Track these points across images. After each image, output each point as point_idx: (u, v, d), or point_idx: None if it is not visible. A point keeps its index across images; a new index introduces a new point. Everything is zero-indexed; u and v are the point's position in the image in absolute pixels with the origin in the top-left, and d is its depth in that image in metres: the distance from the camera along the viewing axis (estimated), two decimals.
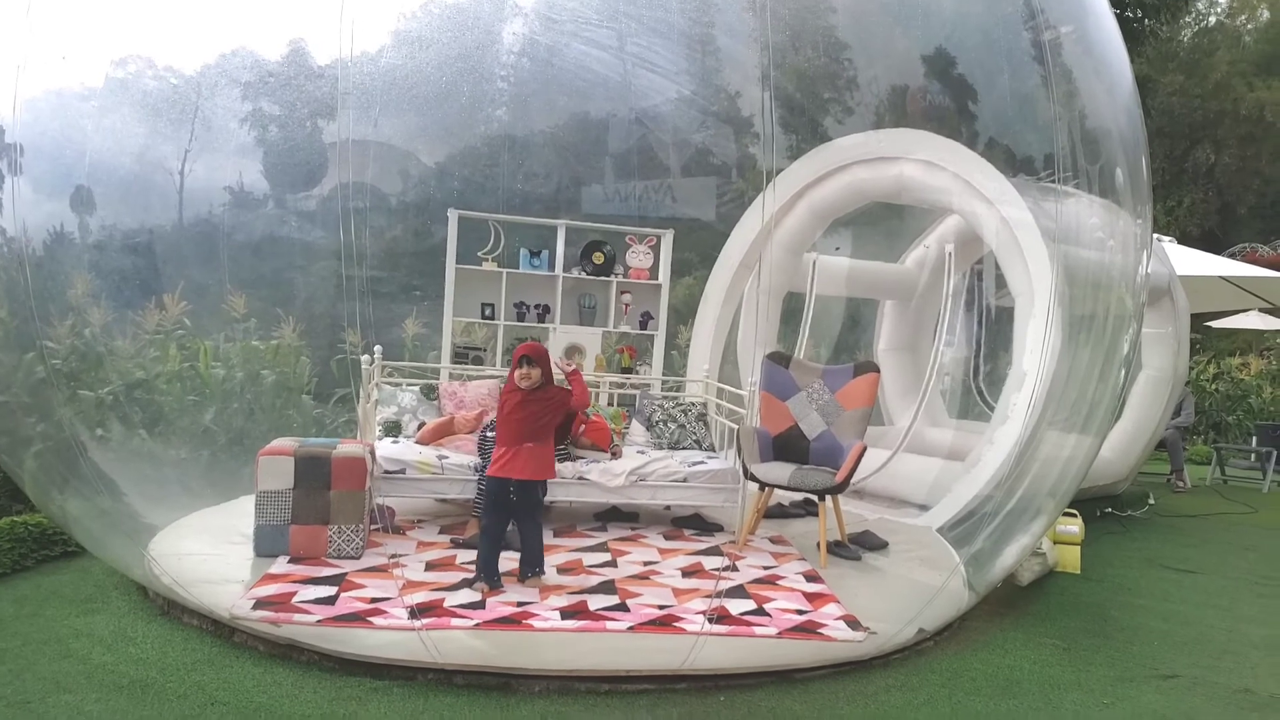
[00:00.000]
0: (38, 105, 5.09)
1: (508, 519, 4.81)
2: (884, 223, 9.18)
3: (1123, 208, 4.60)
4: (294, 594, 4.42)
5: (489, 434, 6.00)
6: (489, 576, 4.70)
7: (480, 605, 4.44)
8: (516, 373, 4.71)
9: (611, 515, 6.37)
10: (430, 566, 5.03)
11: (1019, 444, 5.96)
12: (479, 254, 7.64)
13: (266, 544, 5.00)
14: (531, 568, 4.83)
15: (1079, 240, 5.44)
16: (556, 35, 8.39)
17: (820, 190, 8.07)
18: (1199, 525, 8.67)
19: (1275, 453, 11.34)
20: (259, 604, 4.24)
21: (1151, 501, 9.02)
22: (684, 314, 9.44)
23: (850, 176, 7.81)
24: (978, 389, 9.44)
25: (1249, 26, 28.37)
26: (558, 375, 4.95)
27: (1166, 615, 5.56)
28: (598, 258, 7.79)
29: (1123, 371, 5.03)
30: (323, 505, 5.02)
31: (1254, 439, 12.73)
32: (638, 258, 7.87)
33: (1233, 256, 12.42)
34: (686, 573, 5.22)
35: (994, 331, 8.90)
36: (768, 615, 4.57)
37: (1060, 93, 4.15)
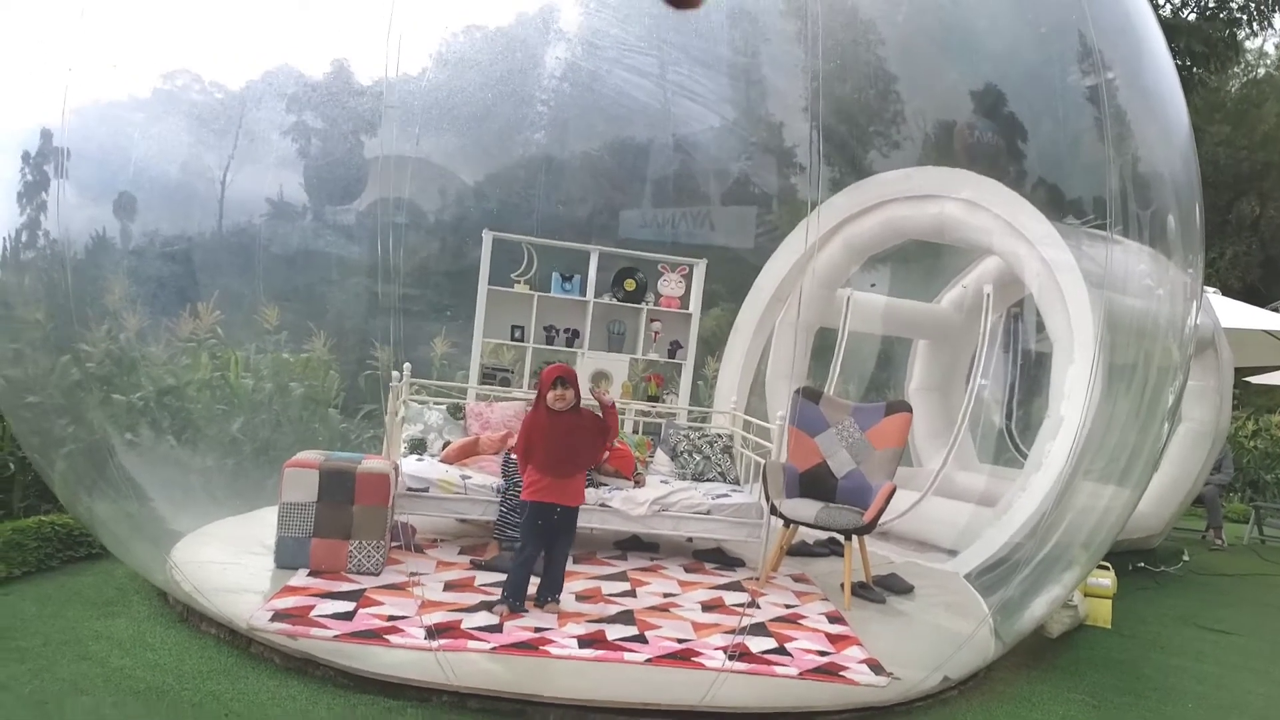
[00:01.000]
0: (86, 112, 5.17)
1: (546, 545, 4.76)
2: (920, 261, 9.10)
3: (1173, 256, 4.51)
4: (312, 607, 4.39)
5: (513, 456, 5.97)
6: (516, 600, 4.65)
7: (498, 628, 4.39)
8: (550, 394, 4.67)
9: (632, 544, 6.30)
10: (449, 587, 4.99)
11: (1053, 492, 5.83)
12: (512, 276, 7.66)
13: (287, 556, 4.98)
14: (551, 593, 4.77)
15: (1124, 288, 5.34)
16: (599, 61, 8.43)
17: (857, 225, 8.02)
18: (1235, 585, 8.43)
19: None
20: (277, 616, 4.21)
21: (1186, 558, 8.80)
22: (712, 344, 9.39)
23: (889, 213, 7.76)
24: (1009, 434, 9.28)
25: None
26: (588, 402, 4.92)
27: (1201, 676, 5.39)
28: (629, 285, 7.77)
29: (1166, 425, 4.90)
30: (345, 520, 5.00)
31: None
32: (669, 286, 7.84)
33: (1276, 310, 12.18)
34: (707, 607, 5.14)
35: (1029, 376, 8.76)
36: (789, 655, 4.47)
37: (1113, 134, 4.08)
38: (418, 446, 6.33)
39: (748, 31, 7.92)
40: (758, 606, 5.18)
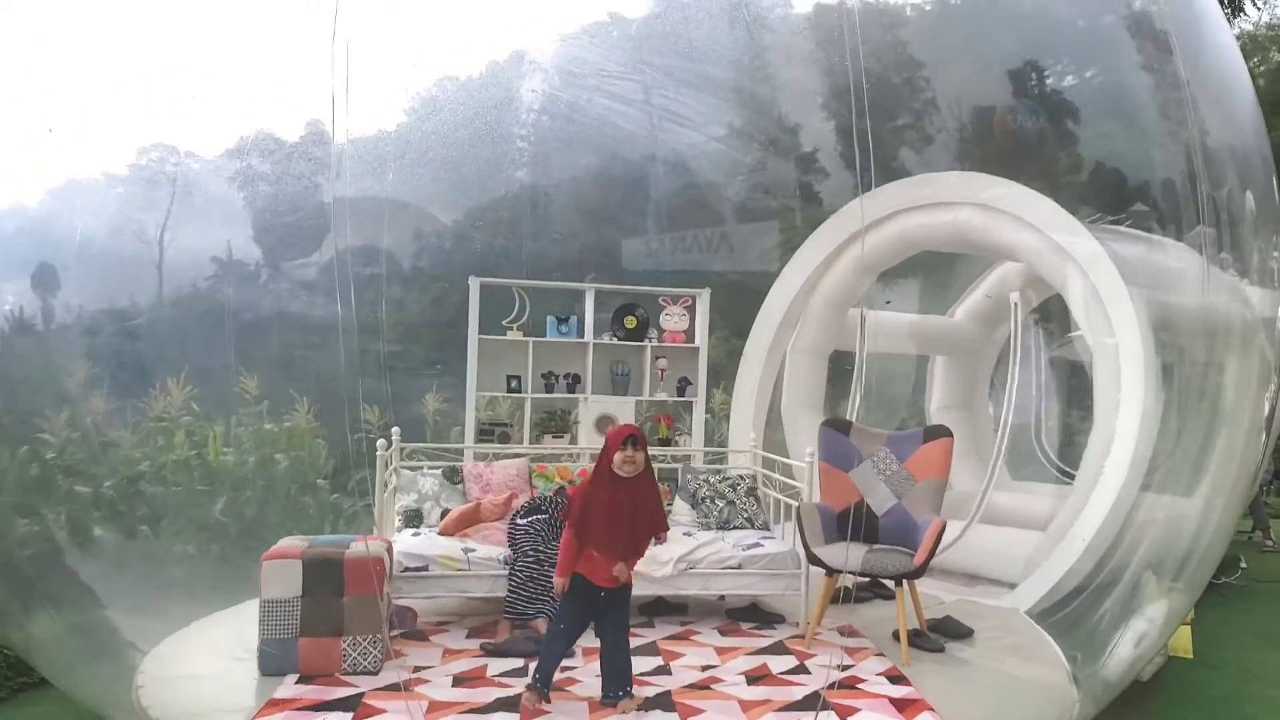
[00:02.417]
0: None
1: (586, 625, 4.14)
2: (932, 273, 8.62)
3: (1256, 237, 3.99)
4: None
5: (519, 520, 5.41)
6: (545, 685, 4.05)
7: None
8: (618, 456, 4.01)
9: (657, 607, 5.71)
10: (459, 681, 4.39)
11: (1118, 511, 5.29)
12: (503, 323, 7.12)
13: (273, 662, 4.37)
14: (620, 686, 4.11)
15: (1174, 286, 4.84)
16: (578, 90, 7.97)
17: (867, 241, 7.53)
18: None
19: None
20: None
21: (1244, 565, 8.25)
22: (717, 375, 8.84)
23: (900, 224, 7.27)
24: (1042, 448, 8.74)
25: (1261, 69, 27.99)
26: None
27: None
28: (630, 322, 7.23)
29: (1263, 434, 4.36)
30: (335, 614, 4.40)
31: None
32: (672, 320, 7.31)
33: None
34: (752, 679, 4.54)
35: (1064, 386, 8.25)
36: None
37: (1175, 106, 3.58)
38: (413, 519, 5.75)
39: (747, 28, 7.42)
40: (840, 681, 4.58)
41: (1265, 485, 10.78)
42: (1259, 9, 26.97)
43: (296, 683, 4.27)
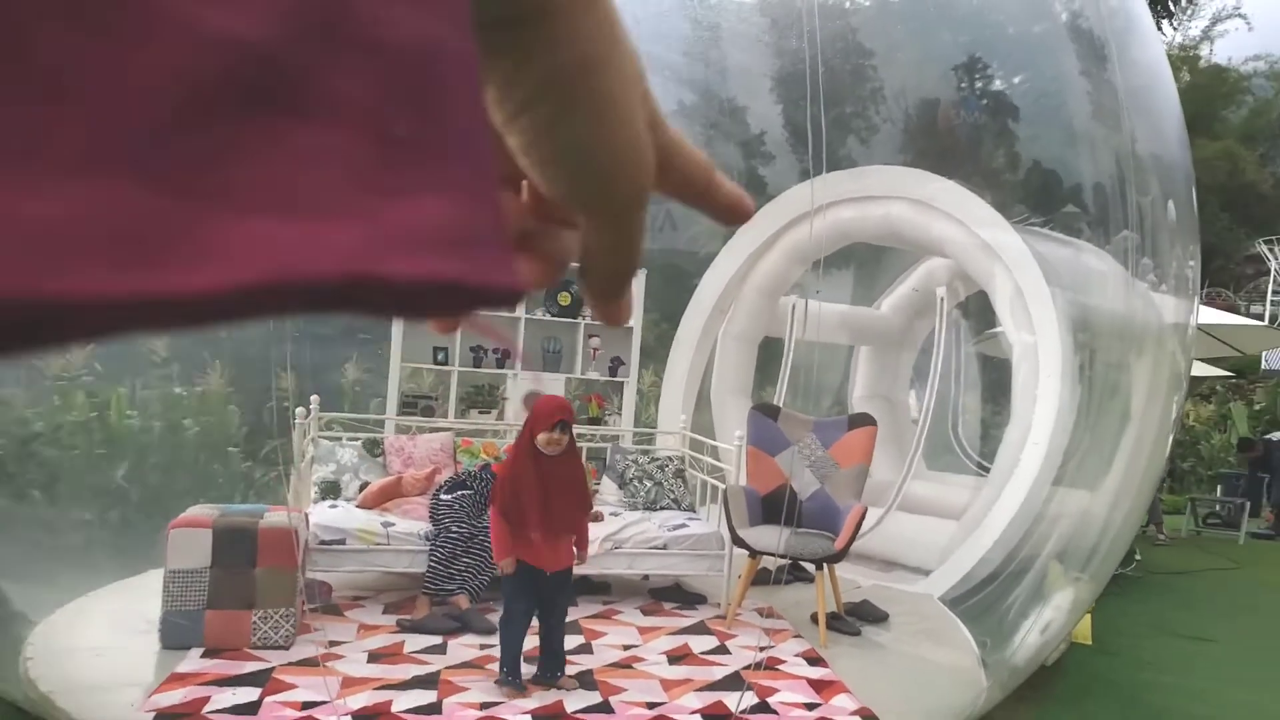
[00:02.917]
0: None
1: (534, 607, 4.00)
2: (862, 265, 8.72)
3: (1174, 246, 4.11)
4: (206, 700, 3.63)
5: (443, 496, 5.27)
6: (515, 675, 3.93)
7: (436, 708, 3.70)
8: (543, 436, 3.82)
9: (581, 586, 5.64)
10: (374, 657, 4.27)
11: (1030, 503, 5.43)
12: None
13: (176, 634, 4.17)
14: (553, 670, 4.05)
15: (1094, 288, 4.97)
16: None
17: (800, 230, 7.55)
18: (1191, 584, 8.28)
19: (1249, 504, 11.11)
20: (160, 716, 3.44)
21: (1138, 558, 8.59)
22: (645, 357, 8.80)
23: (833, 216, 7.30)
24: (959, 440, 8.95)
25: None
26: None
27: (1196, 694, 5.03)
28: (563, 298, 7.12)
29: (1170, 436, 4.51)
30: (246, 586, 4.23)
31: (1219, 488, 12.52)
32: None
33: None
34: (674, 658, 4.54)
35: (983, 381, 8.45)
36: (774, 713, 3.91)
37: (1109, 112, 3.66)
38: (330, 490, 5.57)
39: (695, 8, 7.32)
40: (763, 665, 4.60)
41: (1159, 483, 11.25)
42: (1174, 29, 28.10)
43: (202, 656, 4.09)
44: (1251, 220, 26.24)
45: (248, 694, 3.71)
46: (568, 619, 4.10)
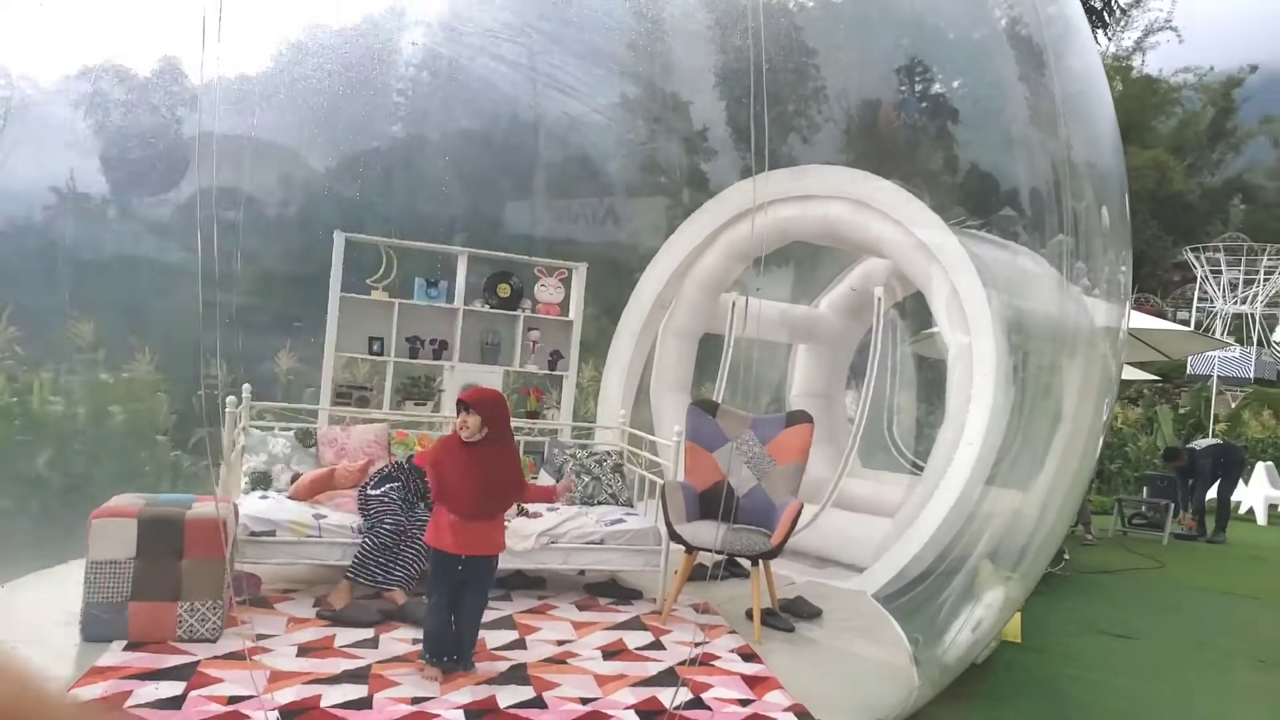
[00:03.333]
0: None
1: (455, 593, 4.03)
2: (801, 263, 8.80)
3: (1107, 251, 4.22)
4: (128, 694, 3.53)
5: (371, 491, 5.18)
6: (437, 657, 3.96)
7: (366, 703, 3.65)
8: (455, 420, 4.00)
9: (516, 581, 5.62)
10: (304, 651, 4.19)
11: (962, 503, 5.54)
12: (368, 282, 6.83)
13: (98, 627, 4.06)
14: (461, 664, 4.05)
15: (1028, 291, 5.08)
16: (460, 48, 7.69)
17: (741, 228, 7.60)
18: (1119, 583, 8.52)
19: (1173, 505, 11.48)
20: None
21: (1067, 557, 8.83)
22: (584, 352, 8.79)
23: (773, 214, 7.36)
24: (893, 439, 9.09)
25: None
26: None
27: (1119, 691, 5.19)
28: (503, 290, 7.08)
29: (1100, 439, 4.63)
30: (172, 577, 4.12)
31: (1145, 490, 12.90)
32: (547, 291, 7.20)
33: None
34: (608, 653, 4.53)
35: (917, 380, 8.59)
36: (708, 709, 3.93)
37: (1046, 118, 3.74)
38: (261, 481, 5.45)
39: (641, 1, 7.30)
40: (700, 660, 4.62)
41: (1089, 484, 11.57)
42: (1109, 39, 28.86)
43: (124, 649, 3.98)
44: (1178, 228, 27.15)
45: (172, 688, 3.62)
46: (501, 613, 4.08)
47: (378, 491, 5.14)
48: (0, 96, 5.61)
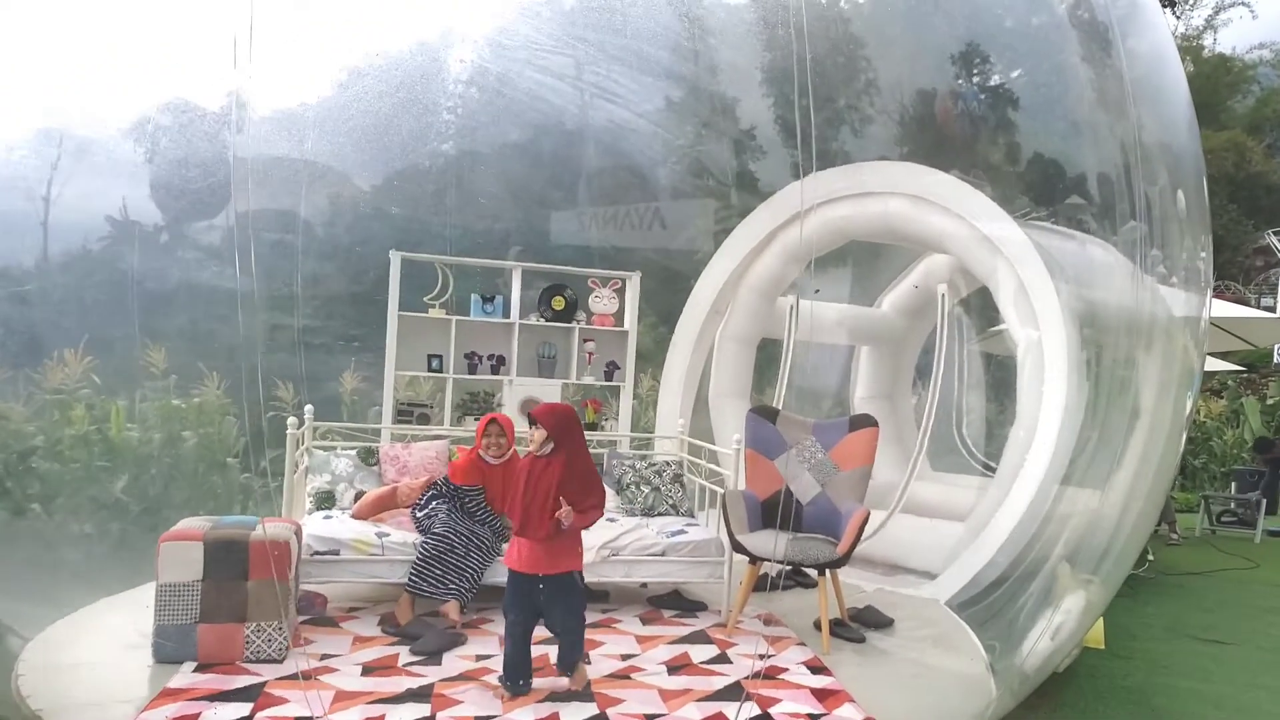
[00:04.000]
0: None
1: (534, 616, 4.01)
2: (860, 263, 8.62)
3: (1184, 237, 4.01)
4: (196, 716, 3.57)
5: (418, 514, 5.24)
6: (510, 679, 3.95)
7: None
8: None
9: None
10: (368, 670, 4.20)
11: (1038, 504, 5.33)
12: (425, 300, 6.88)
13: (169, 649, 4.13)
14: (566, 670, 4.12)
15: (1099, 282, 4.87)
16: (508, 63, 7.72)
17: (796, 230, 7.48)
18: (1206, 584, 8.13)
19: (1265, 501, 10.95)
20: None
21: (1151, 558, 8.47)
22: (641, 361, 8.73)
23: (828, 214, 7.22)
24: (963, 440, 8.85)
25: None
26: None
27: (1215, 700, 4.93)
28: (558, 303, 7.07)
29: (1183, 434, 4.40)
30: (238, 599, 4.18)
31: (1233, 485, 12.36)
32: (601, 302, 7.17)
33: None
34: (673, 668, 4.45)
35: (987, 379, 8.34)
36: None
37: (1114, 99, 3.56)
38: (325, 501, 5.51)
39: (685, 5, 7.22)
40: (762, 674, 4.52)
41: (1172, 481, 11.12)
42: (1177, 18, 27.92)
43: (194, 671, 4.04)
44: (1260, 211, 26.06)
45: (239, 709, 3.65)
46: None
47: (422, 514, 5.22)
48: (54, 130, 5.79)
